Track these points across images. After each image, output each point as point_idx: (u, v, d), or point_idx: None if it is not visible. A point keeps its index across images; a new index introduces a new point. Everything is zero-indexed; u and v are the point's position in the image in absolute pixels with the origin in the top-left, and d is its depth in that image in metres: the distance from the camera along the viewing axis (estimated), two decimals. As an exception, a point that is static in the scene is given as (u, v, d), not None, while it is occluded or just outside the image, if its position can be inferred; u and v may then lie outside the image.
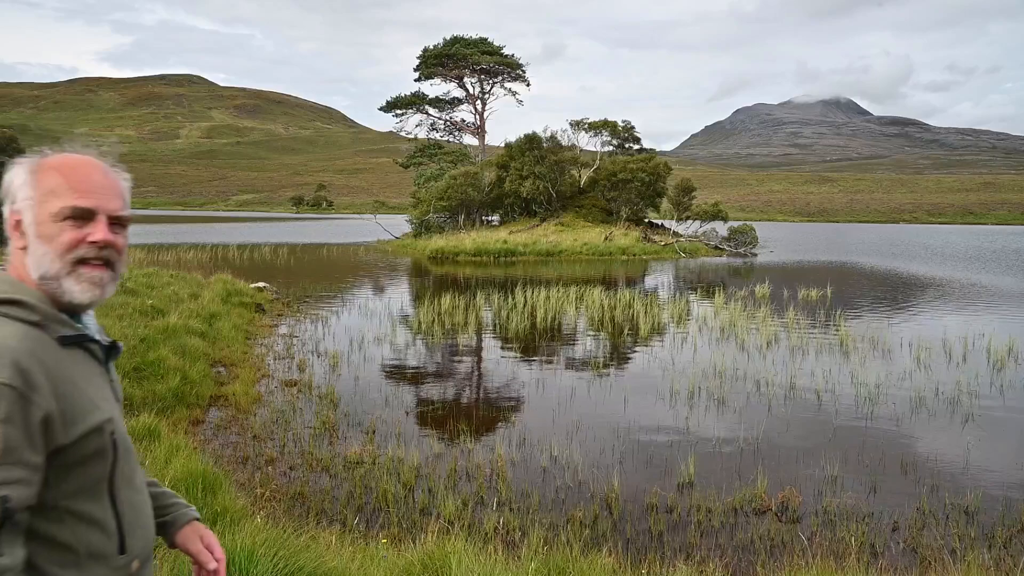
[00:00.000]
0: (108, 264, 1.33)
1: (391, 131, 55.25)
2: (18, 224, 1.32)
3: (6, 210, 1.34)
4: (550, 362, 11.39)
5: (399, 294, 20.49)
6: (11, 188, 1.33)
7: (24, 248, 1.31)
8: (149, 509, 1.45)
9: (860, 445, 7.38)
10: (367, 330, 13.52)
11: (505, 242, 36.15)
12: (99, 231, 1.30)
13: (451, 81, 50.62)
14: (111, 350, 1.42)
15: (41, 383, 1.19)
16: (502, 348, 12.60)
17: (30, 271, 1.30)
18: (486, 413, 8.56)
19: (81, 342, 1.31)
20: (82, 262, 1.30)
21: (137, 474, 1.43)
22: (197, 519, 1.64)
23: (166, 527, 1.60)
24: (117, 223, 1.35)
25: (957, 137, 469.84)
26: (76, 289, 1.30)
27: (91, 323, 1.40)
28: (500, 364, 11.30)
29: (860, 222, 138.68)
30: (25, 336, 1.22)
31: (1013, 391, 9.75)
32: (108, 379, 1.40)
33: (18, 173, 1.33)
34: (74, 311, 1.34)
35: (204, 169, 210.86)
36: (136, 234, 46.15)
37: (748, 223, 43.57)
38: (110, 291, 1.35)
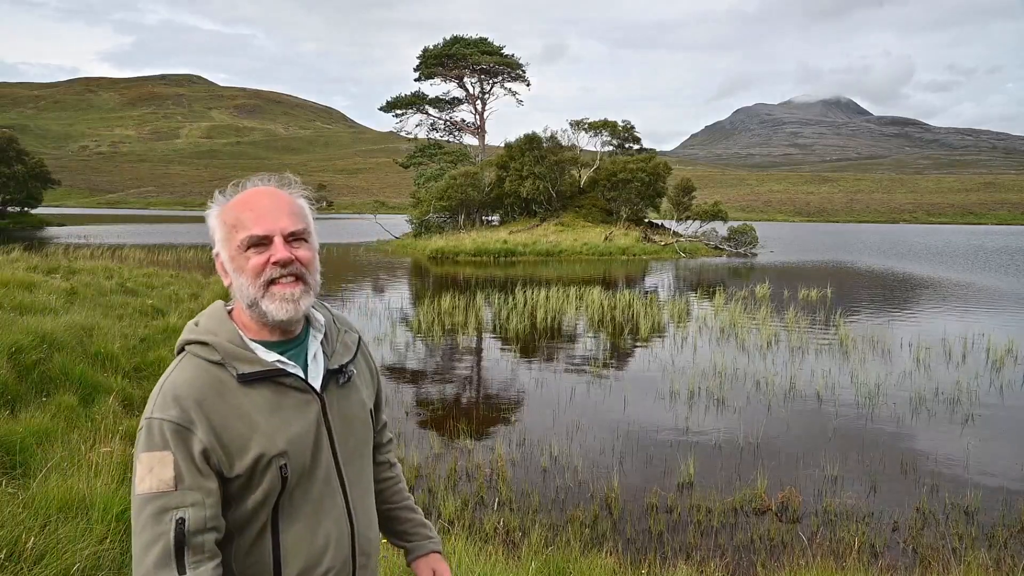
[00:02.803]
0: (299, 278, 1.37)
1: (391, 131, 55.24)
2: (221, 264, 1.40)
3: (214, 254, 1.42)
4: (550, 362, 11.39)
5: (399, 294, 20.49)
6: (210, 233, 1.41)
7: (231, 284, 1.39)
8: (338, 536, 1.41)
9: (860, 445, 7.39)
10: (367, 330, 13.52)
11: (505, 242, 36.16)
12: (277, 251, 1.35)
13: (451, 81, 50.65)
14: (335, 374, 1.44)
15: (199, 420, 1.27)
16: (502, 348, 12.60)
17: (241, 303, 1.38)
18: (486, 413, 8.57)
19: (266, 378, 1.34)
20: (272, 282, 1.35)
21: (325, 501, 1.39)
22: (436, 551, 1.72)
23: (406, 552, 1.72)
24: (295, 238, 1.38)
25: (957, 137, 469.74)
26: (272, 308, 1.35)
27: (313, 346, 1.44)
28: (500, 364, 11.30)
29: (860, 222, 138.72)
30: (197, 377, 1.31)
31: (1012, 391, 9.76)
32: (314, 404, 1.39)
33: (210, 217, 1.41)
34: (287, 329, 1.40)
35: (204, 169, 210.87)
36: (136, 234, 46.18)
37: (748, 223, 43.53)
38: (306, 303, 1.38)
